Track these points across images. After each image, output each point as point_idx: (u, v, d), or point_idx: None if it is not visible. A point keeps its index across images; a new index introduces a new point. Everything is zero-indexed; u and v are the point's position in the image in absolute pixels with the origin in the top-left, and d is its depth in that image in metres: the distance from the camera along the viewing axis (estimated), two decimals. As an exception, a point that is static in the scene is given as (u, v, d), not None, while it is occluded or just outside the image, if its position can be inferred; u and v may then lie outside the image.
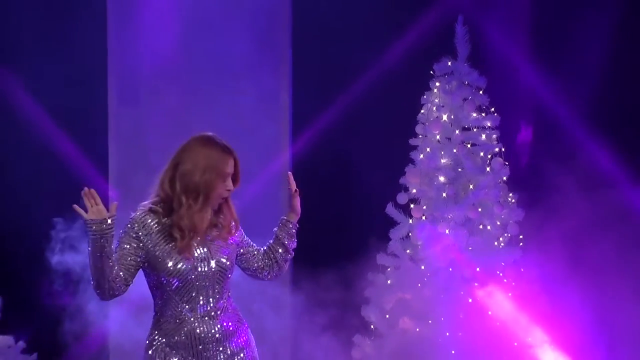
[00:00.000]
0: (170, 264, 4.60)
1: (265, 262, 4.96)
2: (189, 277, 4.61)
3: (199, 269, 4.64)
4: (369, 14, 8.43)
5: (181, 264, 4.60)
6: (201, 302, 4.65)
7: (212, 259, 4.69)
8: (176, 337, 4.65)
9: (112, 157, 8.69)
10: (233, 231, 4.81)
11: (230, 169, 4.71)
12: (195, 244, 4.66)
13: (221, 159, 4.69)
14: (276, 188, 8.83)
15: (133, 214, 4.65)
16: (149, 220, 4.61)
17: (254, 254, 4.91)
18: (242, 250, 4.86)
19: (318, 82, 8.61)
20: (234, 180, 4.77)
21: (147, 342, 4.73)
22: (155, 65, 8.67)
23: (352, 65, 8.43)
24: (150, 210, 4.62)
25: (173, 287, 4.63)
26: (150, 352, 4.69)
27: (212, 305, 4.67)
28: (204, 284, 4.65)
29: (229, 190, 4.70)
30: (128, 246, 4.57)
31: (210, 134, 4.76)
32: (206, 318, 4.67)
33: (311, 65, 8.66)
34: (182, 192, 4.64)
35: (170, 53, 8.64)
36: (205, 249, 4.68)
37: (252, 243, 4.93)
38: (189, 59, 8.66)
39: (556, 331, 7.40)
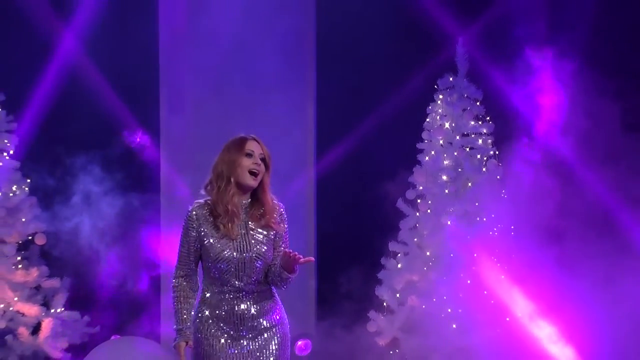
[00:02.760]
0: (215, 251, 4.64)
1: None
2: (231, 264, 4.63)
3: (240, 257, 4.65)
4: (383, 36, 8.53)
5: (226, 251, 4.63)
6: (241, 283, 4.67)
7: (252, 249, 4.67)
8: (218, 311, 4.68)
9: (162, 158, 8.77)
10: (274, 221, 4.74)
11: (250, 146, 4.70)
12: (239, 234, 4.66)
13: (239, 141, 4.71)
14: (304, 186, 8.99)
15: (189, 208, 4.74)
16: (201, 212, 4.67)
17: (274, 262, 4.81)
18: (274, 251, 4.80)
19: (339, 95, 8.70)
20: (266, 164, 4.72)
21: (195, 314, 4.77)
22: (200, 80, 8.78)
23: (368, 80, 8.54)
24: (205, 203, 4.69)
25: (218, 270, 4.66)
26: (196, 322, 4.74)
27: (250, 286, 4.69)
28: (243, 269, 4.66)
29: (256, 164, 4.67)
30: (190, 238, 4.69)
31: (241, 133, 4.80)
32: (244, 297, 4.70)
33: (333, 80, 8.76)
34: (215, 181, 4.68)
35: (212, 70, 8.73)
36: (247, 240, 4.68)
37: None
38: (228, 75, 8.73)
39: (544, 307, 7.47)
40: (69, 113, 8.43)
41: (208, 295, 4.73)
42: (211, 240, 4.65)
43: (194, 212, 4.68)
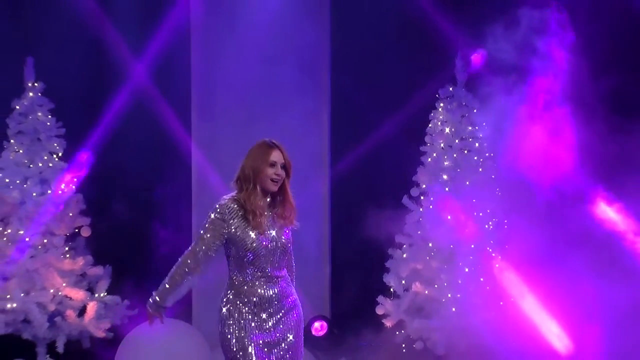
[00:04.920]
0: (247, 241, 4.72)
1: None
2: (261, 253, 4.74)
3: (269, 247, 4.76)
4: (391, 51, 8.68)
5: (255, 242, 4.72)
6: (269, 271, 4.78)
7: (279, 239, 4.80)
8: (248, 296, 4.77)
9: (194, 159, 8.97)
10: (293, 218, 4.86)
11: (274, 157, 4.79)
12: (267, 226, 4.76)
13: (265, 149, 4.80)
14: (320, 185, 9.09)
15: (220, 202, 4.78)
16: (233, 206, 4.74)
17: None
18: None
19: (351, 104, 8.84)
20: (287, 170, 4.83)
21: (224, 300, 4.82)
22: (226, 90, 8.95)
23: (377, 90, 8.66)
24: (233, 198, 4.78)
25: (249, 260, 4.75)
26: (225, 308, 4.80)
27: (276, 273, 4.81)
28: (271, 257, 4.78)
29: (277, 175, 4.79)
30: (216, 227, 4.71)
31: (266, 139, 4.87)
32: (271, 283, 4.80)
33: (346, 91, 8.90)
34: (242, 181, 4.78)
35: (238, 81, 8.90)
36: (274, 232, 4.79)
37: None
38: (252, 85, 8.89)
39: (534, 291, 7.53)
40: (127, 124, 8.71)
41: (237, 282, 4.81)
42: (244, 232, 4.72)
43: (226, 207, 4.74)
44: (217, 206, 4.79)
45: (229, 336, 4.79)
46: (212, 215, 4.77)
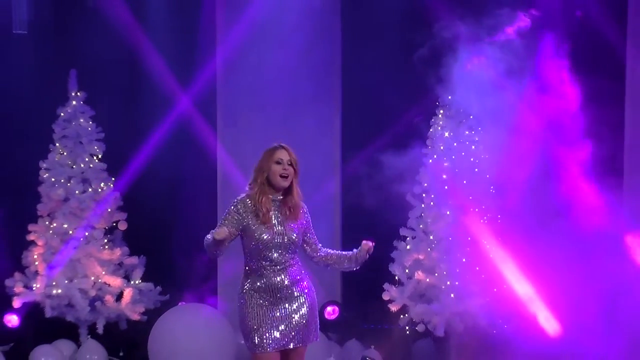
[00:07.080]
0: (257, 234, 4.94)
1: (316, 256, 5.17)
2: (269, 245, 4.96)
3: (276, 240, 4.97)
4: (396, 63, 8.70)
5: (265, 235, 4.93)
6: (277, 261, 4.98)
7: (286, 235, 4.99)
8: (258, 284, 4.99)
9: (219, 161, 9.24)
10: (299, 214, 5.03)
11: (280, 156, 4.99)
12: (276, 221, 4.94)
13: (272, 151, 5.02)
14: (332, 184, 9.27)
15: (238, 197, 5.03)
16: (247, 201, 4.99)
17: (312, 246, 5.16)
18: (305, 237, 5.14)
19: (360, 110, 9.02)
20: (294, 168, 5.01)
21: (240, 287, 5.08)
22: (248, 99, 9.14)
23: (383, 98, 8.69)
24: (248, 195, 5.02)
25: (258, 249, 4.97)
26: (241, 294, 5.05)
27: (284, 263, 5.00)
28: (279, 249, 4.99)
29: (285, 170, 4.99)
30: (232, 216, 4.94)
31: (275, 143, 5.08)
32: (280, 271, 5.00)
33: (355, 99, 9.14)
34: (255, 180, 5.01)
35: (259, 90, 9.08)
36: (282, 227, 4.98)
37: (314, 237, 5.16)
38: (270, 95, 9.06)
39: (525, 279, 7.66)
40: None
41: (250, 271, 5.05)
42: (255, 225, 4.95)
43: (243, 202, 4.99)
44: (235, 201, 5.03)
45: (246, 320, 5.02)
46: (232, 208, 5.01)
